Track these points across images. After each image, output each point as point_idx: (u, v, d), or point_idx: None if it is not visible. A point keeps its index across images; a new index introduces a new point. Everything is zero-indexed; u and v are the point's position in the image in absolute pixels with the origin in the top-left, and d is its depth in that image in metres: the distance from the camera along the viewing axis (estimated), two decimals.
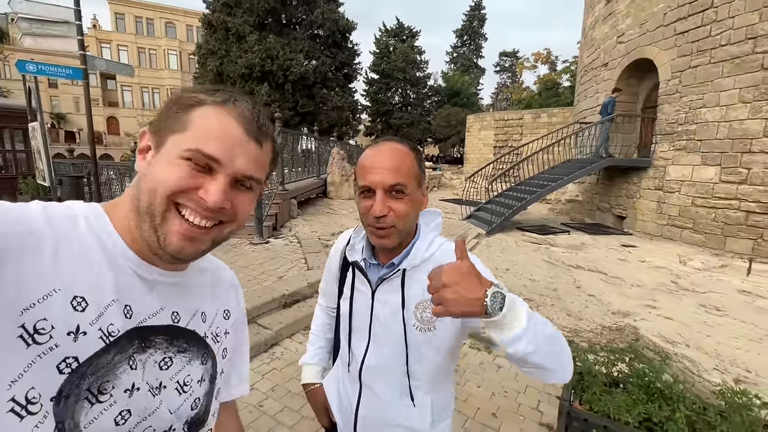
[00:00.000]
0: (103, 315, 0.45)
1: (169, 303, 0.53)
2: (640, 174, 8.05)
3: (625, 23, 8.53)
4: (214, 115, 0.48)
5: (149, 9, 37.95)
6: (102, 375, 0.44)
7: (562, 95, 28.15)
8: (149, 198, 0.47)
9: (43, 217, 0.44)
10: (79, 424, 0.42)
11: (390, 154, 0.81)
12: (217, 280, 0.65)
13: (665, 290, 4.14)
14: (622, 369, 2.02)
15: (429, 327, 0.85)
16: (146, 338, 0.50)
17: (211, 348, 0.60)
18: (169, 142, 0.48)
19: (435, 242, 0.90)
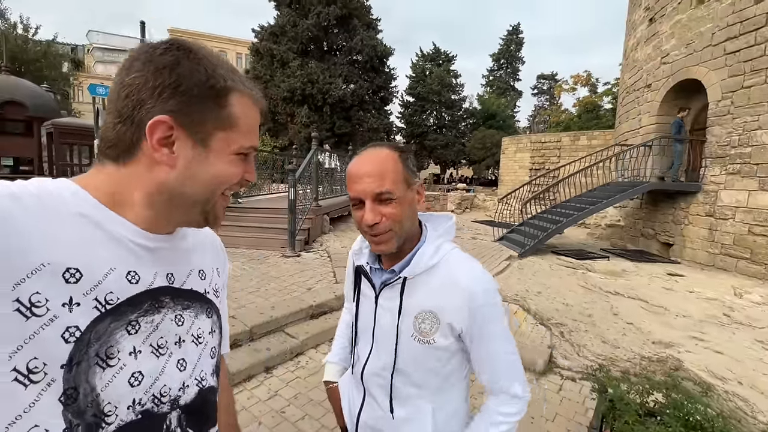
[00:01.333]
0: (99, 285, 0.46)
1: (162, 266, 0.55)
2: (688, 199, 7.57)
3: (669, 44, 8.25)
4: (250, 109, 0.54)
5: (204, 38, 41.32)
6: (104, 341, 0.46)
7: (603, 117, 27.28)
8: (208, 192, 0.52)
9: (30, 194, 0.44)
10: (95, 388, 0.45)
11: (371, 160, 0.80)
12: (205, 241, 0.67)
13: (716, 323, 3.81)
14: (658, 399, 1.89)
15: (428, 340, 0.83)
16: (157, 299, 0.53)
17: (213, 302, 0.63)
18: (220, 140, 0.51)
19: (442, 249, 0.86)
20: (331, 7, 20.76)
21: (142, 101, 0.48)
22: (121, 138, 0.49)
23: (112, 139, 0.50)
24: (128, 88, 0.48)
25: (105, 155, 0.51)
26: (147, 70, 0.48)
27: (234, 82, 0.52)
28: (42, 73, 18.84)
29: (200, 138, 0.50)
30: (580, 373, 3.00)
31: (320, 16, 20.81)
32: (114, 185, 0.51)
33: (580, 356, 3.13)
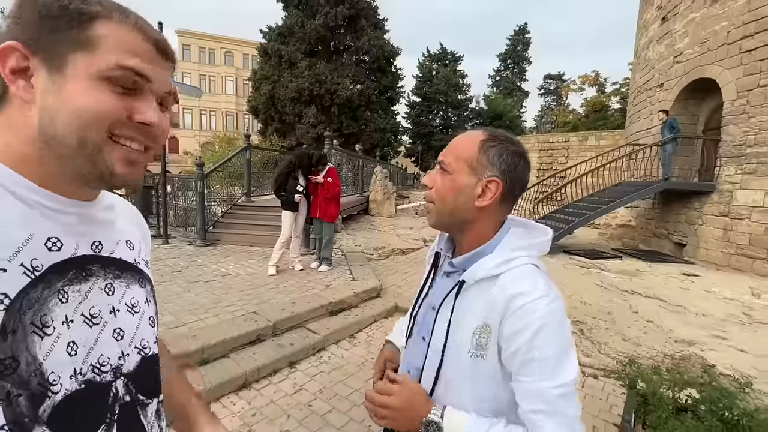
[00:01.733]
0: (21, 251, 0.43)
1: (88, 233, 0.52)
2: (701, 199, 7.51)
3: (683, 42, 8.20)
4: (125, 32, 0.45)
5: (212, 40, 41.68)
6: (38, 309, 0.43)
7: (611, 118, 27.10)
8: (79, 132, 0.43)
9: None
10: (37, 357, 0.42)
11: (462, 135, 0.82)
12: (128, 210, 0.65)
13: (737, 322, 3.79)
14: (692, 394, 1.89)
15: (482, 355, 0.73)
16: (84, 268, 0.49)
17: (145, 272, 0.61)
18: (75, 63, 0.43)
19: (513, 262, 0.74)
20: (338, 8, 20.80)
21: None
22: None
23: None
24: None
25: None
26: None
27: (109, 12, 0.45)
28: None
29: (56, 63, 0.43)
30: (602, 370, 2.99)
31: (328, 17, 20.85)
32: (18, 141, 0.45)
33: (601, 353, 3.13)
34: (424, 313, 0.89)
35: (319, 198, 4.83)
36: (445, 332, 0.78)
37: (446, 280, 0.86)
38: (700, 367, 2.21)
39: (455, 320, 0.77)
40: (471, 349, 0.74)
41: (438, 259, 0.93)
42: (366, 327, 3.72)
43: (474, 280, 0.75)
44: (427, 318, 0.86)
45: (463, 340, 0.75)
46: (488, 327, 0.72)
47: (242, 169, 7.76)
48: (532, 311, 0.67)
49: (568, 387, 0.67)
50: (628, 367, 2.06)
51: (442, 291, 0.82)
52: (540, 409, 0.67)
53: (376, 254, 6.05)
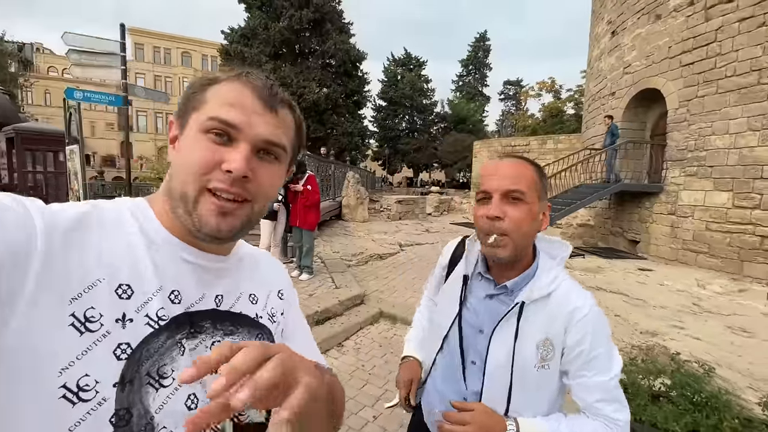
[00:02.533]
0: (149, 301, 0.45)
1: (212, 287, 0.53)
2: (651, 199, 8.18)
3: (631, 55, 8.91)
4: (228, 87, 0.49)
5: (167, 39, 39.82)
6: (157, 360, 0.44)
7: (567, 122, 28.74)
8: (181, 184, 0.48)
9: (86, 213, 0.45)
10: (149, 410, 0.42)
11: (510, 163, 0.83)
12: (258, 263, 0.65)
13: (689, 312, 4.19)
14: (665, 381, 2.09)
15: (546, 365, 0.82)
16: (196, 324, 0.50)
17: (267, 328, 0.60)
18: (190, 123, 0.49)
19: (558, 279, 0.84)
20: (303, 11, 20.66)
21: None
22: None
23: None
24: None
25: None
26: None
27: (226, 75, 0.50)
28: None
29: (182, 125, 0.50)
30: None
31: (292, 20, 20.66)
32: (163, 197, 0.52)
33: None
34: (468, 337, 0.91)
35: (298, 206, 4.80)
36: (508, 353, 0.82)
37: (492, 303, 0.88)
38: (667, 357, 2.44)
39: (520, 340, 0.82)
40: (537, 363, 0.81)
41: (466, 281, 0.94)
42: (353, 335, 3.75)
43: (531, 300, 0.82)
44: (477, 341, 0.88)
45: (529, 356, 0.81)
46: (549, 340, 0.81)
47: None
48: (589, 321, 0.80)
49: (618, 376, 0.81)
50: None
51: (492, 314, 0.86)
52: (602, 398, 0.79)
53: (355, 260, 6.08)
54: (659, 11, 7.98)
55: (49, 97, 36.08)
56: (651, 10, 8.19)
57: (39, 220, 0.40)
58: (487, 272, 0.91)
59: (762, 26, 6.13)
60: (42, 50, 38.95)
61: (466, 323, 0.92)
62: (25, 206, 0.41)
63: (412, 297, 4.60)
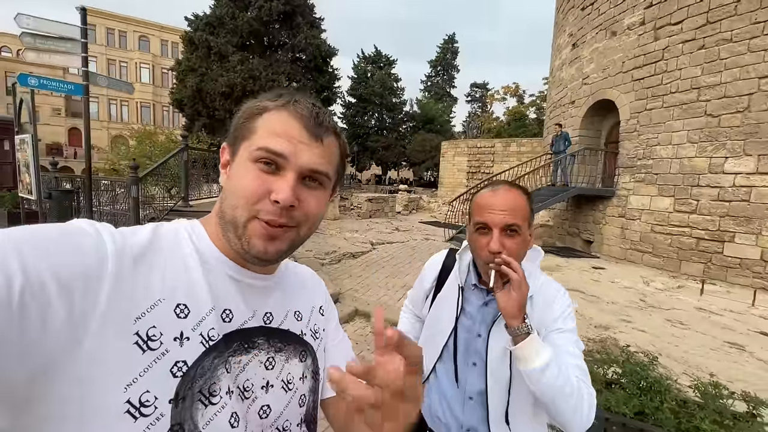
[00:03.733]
0: (204, 320, 0.47)
1: (261, 305, 0.56)
2: (605, 202, 8.84)
3: (589, 67, 9.54)
4: (276, 116, 0.51)
5: (122, 21, 37.27)
6: (208, 378, 0.46)
7: (529, 126, 30.06)
8: (232, 209, 0.50)
9: (152, 237, 0.48)
10: (198, 425, 0.44)
11: (506, 196, 0.91)
12: (303, 280, 0.68)
13: (636, 307, 4.63)
14: (616, 370, 2.36)
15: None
16: (249, 340, 0.52)
17: (310, 345, 0.62)
18: (240, 151, 0.51)
19: (539, 280, 0.99)
20: (273, 2, 20.13)
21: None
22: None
23: None
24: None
25: None
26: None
27: (276, 104, 0.52)
28: None
29: (233, 153, 0.53)
30: None
31: (261, 10, 20.09)
32: (215, 220, 0.54)
33: None
34: (466, 341, 1.01)
35: None
36: (505, 351, 0.92)
37: (487, 309, 1.00)
38: (618, 349, 2.73)
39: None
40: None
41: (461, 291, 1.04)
42: None
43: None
44: (476, 345, 0.99)
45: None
46: (538, 330, 0.93)
47: (178, 171, 7.25)
48: (566, 300, 0.98)
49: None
50: None
51: (488, 318, 0.98)
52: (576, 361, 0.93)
53: (328, 259, 6.13)
54: (615, 28, 8.60)
55: None
56: (608, 26, 8.81)
57: (111, 245, 0.43)
58: (479, 282, 1.01)
59: (702, 48, 6.81)
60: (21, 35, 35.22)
61: (464, 330, 1.01)
62: (98, 230, 0.43)
63: (386, 295, 4.74)
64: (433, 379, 1.06)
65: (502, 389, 0.95)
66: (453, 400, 1.01)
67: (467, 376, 0.99)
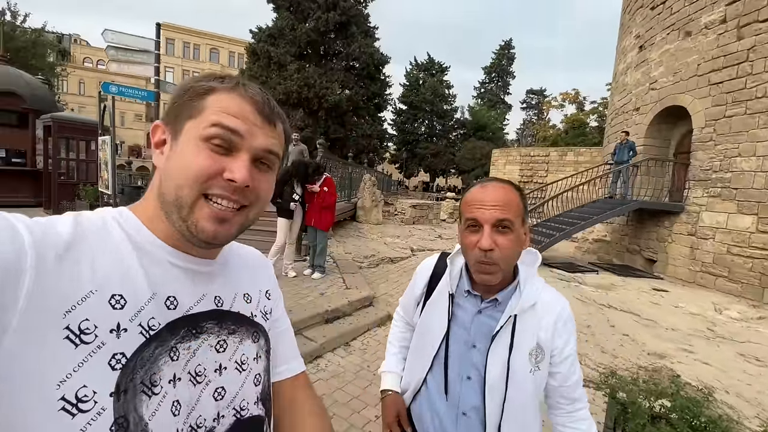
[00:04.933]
0: (142, 310, 0.46)
1: (210, 289, 0.54)
2: (672, 218, 8.02)
3: (657, 71, 8.76)
4: (228, 98, 0.49)
5: (196, 35, 41.03)
6: (149, 368, 0.45)
7: (589, 135, 28.25)
8: (176, 190, 0.48)
9: (75, 227, 0.45)
10: (143, 417, 0.43)
11: (497, 191, 0.85)
12: (249, 261, 0.66)
13: (702, 336, 4.12)
14: (664, 404, 2.10)
15: (538, 367, 0.89)
16: (197, 325, 0.51)
17: (261, 326, 0.61)
18: (186, 129, 0.49)
19: (538, 287, 0.92)
20: (330, 13, 20.98)
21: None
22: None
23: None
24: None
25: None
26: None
27: (221, 84, 0.51)
28: (28, 62, 18.35)
29: (175, 131, 0.50)
30: (583, 380, 3.22)
31: (319, 21, 20.99)
32: (152, 204, 0.52)
33: (582, 364, 3.36)
34: (459, 353, 0.94)
35: (314, 206, 4.93)
36: (504, 365, 0.88)
37: (482, 317, 0.92)
38: (668, 378, 2.44)
39: (515, 350, 0.88)
40: (532, 368, 0.89)
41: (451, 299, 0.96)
42: (360, 335, 3.84)
43: (522, 310, 0.89)
44: (471, 356, 0.92)
45: (523, 364, 0.88)
46: (539, 344, 0.89)
47: None
48: (570, 324, 0.93)
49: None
50: (610, 378, 2.26)
51: (484, 328, 0.91)
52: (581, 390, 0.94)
53: (366, 262, 6.18)
54: (689, 28, 7.84)
55: (83, 86, 37.66)
56: (681, 26, 8.05)
57: (27, 236, 0.40)
58: (472, 288, 0.94)
59: None
60: (79, 41, 40.63)
61: (457, 340, 0.94)
62: (12, 223, 0.40)
63: None
64: (424, 392, 1.01)
65: (498, 405, 0.89)
66: (445, 416, 0.95)
67: (461, 390, 0.93)
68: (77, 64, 37.42)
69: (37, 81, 9.70)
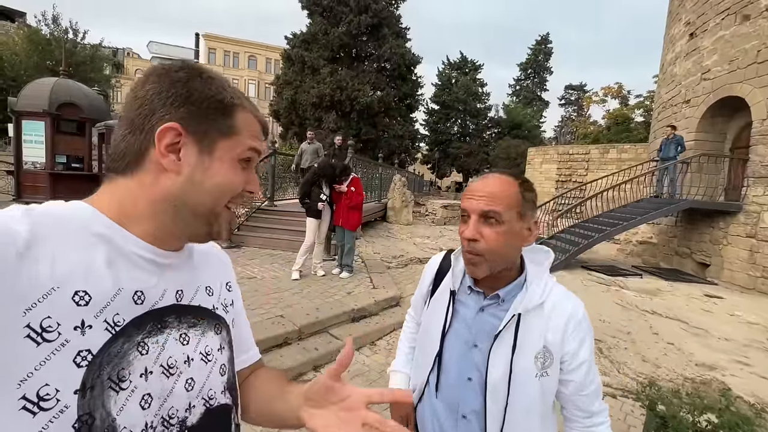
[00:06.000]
0: (108, 306, 0.45)
1: (171, 283, 0.54)
2: (727, 219, 7.37)
3: (711, 60, 8.10)
4: (247, 117, 0.55)
5: (235, 44, 42.93)
6: (116, 363, 0.44)
7: (634, 131, 26.61)
8: (212, 201, 0.52)
9: (28, 221, 0.43)
10: (111, 413, 0.43)
11: (491, 182, 0.83)
12: (210, 255, 0.67)
13: (760, 348, 3.74)
14: (711, 419, 1.93)
15: (545, 372, 0.84)
16: (161, 319, 0.51)
17: (223, 318, 0.62)
18: (220, 147, 0.52)
19: (548, 286, 0.87)
20: (362, 16, 21.19)
21: (154, 110, 0.49)
22: (130, 148, 0.50)
23: (121, 151, 0.50)
24: (141, 99, 0.50)
25: (113, 170, 0.51)
26: (161, 83, 0.50)
27: (239, 100, 0.55)
28: (87, 75, 19.99)
29: (206, 145, 0.51)
30: (621, 390, 3.02)
31: (351, 25, 21.28)
32: (122, 199, 0.51)
33: (620, 373, 3.15)
34: (460, 353, 0.90)
35: (341, 206, 4.99)
36: (506, 366, 0.83)
37: (484, 315, 0.89)
38: (717, 392, 2.24)
39: (518, 351, 0.84)
40: (537, 372, 0.83)
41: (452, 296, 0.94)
42: (386, 335, 3.83)
43: (527, 310, 0.84)
44: (472, 356, 0.89)
45: (528, 367, 0.83)
46: (547, 347, 0.84)
47: (266, 173, 8.02)
48: (584, 327, 0.87)
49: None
50: (649, 389, 2.11)
51: (486, 327, 0.87)
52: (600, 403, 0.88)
53: (395, 262, 6.17)
54: (747, 11, 7.18)
55: None
56: (738, 10, 7.40)
57: None
58: (475, 285, 0.91)
59: None
60: (131, 54, 43.72)
61: (458, 339, 0.91)
62: None
63: None
64: (427, 393, 0.98)
65: (499, 409, 0.84)
66: (444, 418, 0.92)
67: (461, 391, 0.89)
68: (130, 76, 40.26)
69: (94, 92, 10.53)
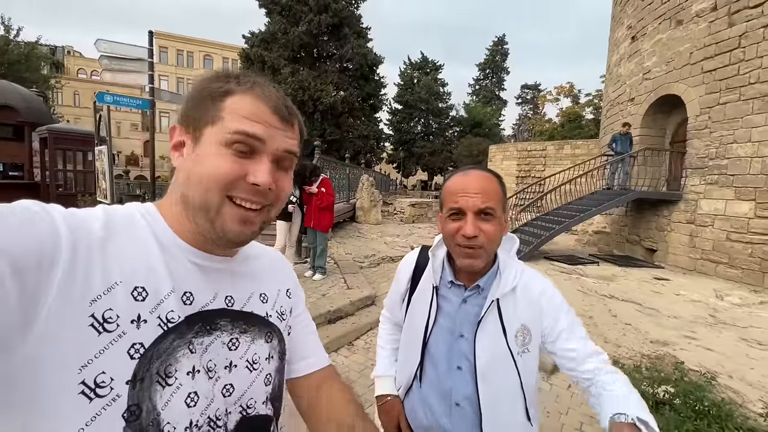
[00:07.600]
0: (162, 303, 0.48)
1: (222, 288, 0.56)
2: (670, 207, 8.03)
3: (651, 61, 8.78)
4: (244, 100, 0.50)
5: (189, 43, 41.00)
6: (165, 359, 0.46)
7: (585, 127, 28.26)
8: (202, 193, 0.49)
9: (107, 222, 0.47)
10: (156, 406, 0.45)
11: (479, 179, 0.86)
12: (271, 262, 0.68)
13: (704, 323, 4.13)
14: (668, 389, 2.11)
15: (526, 349, 0.90)
16: (211, 322, 0.53)
17: (276, 326, 0.62)
18: (206, 134, 0.50)
19: (518, 269, 0.93)
20: (322, 16, 20.98)
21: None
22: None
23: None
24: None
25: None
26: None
27: (237, 86, 0.52)
28: (22, 75, 18.31)
29: (195, 136, 0.51)
30: None
31: (311, 24, 21.00)
32: (173, 204, 0.54)
33: None
34: (447, 345, 0.94)
35: (312, 208, 4.94)
36: (493, 349, 0.89)
37: (466, 306, 0.93)
38: (671, 365, 2.45)
39: (500, 334, 0.89)
40: (518, 350, 0.89)
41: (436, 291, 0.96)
42: (363, 334, 3.85)
43: (503, 295, 0.90)
44: (459, 346, 0.93)
45: (511, 345, 0.89)
46: (525, 326, 0.90)
47: None
48: (556, 301, 0.92)
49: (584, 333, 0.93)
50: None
51: (469, 317, 0.92)
52: (601, 359, 0.88)
53: (367, 262, 6.19)
54: (681, 17, 7.86)
55: (78, 98, 37.57)
56: (672, 15, 8.07)
57: (63, 228, 0.42)
58: (456, 278, 0.95)
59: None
60: (72, 53, 40.62)
61: (444, 332, 0.95)
62: (49, 213, 0.43)
63: None
64: (416, 387, 1.00)
65: (490, 392, 0.89)
66: (437, 407, 0.95)
67: (452, 380, 0.93)
68: (71, 76, 37.37)
69: (31, 94, 9.69)
